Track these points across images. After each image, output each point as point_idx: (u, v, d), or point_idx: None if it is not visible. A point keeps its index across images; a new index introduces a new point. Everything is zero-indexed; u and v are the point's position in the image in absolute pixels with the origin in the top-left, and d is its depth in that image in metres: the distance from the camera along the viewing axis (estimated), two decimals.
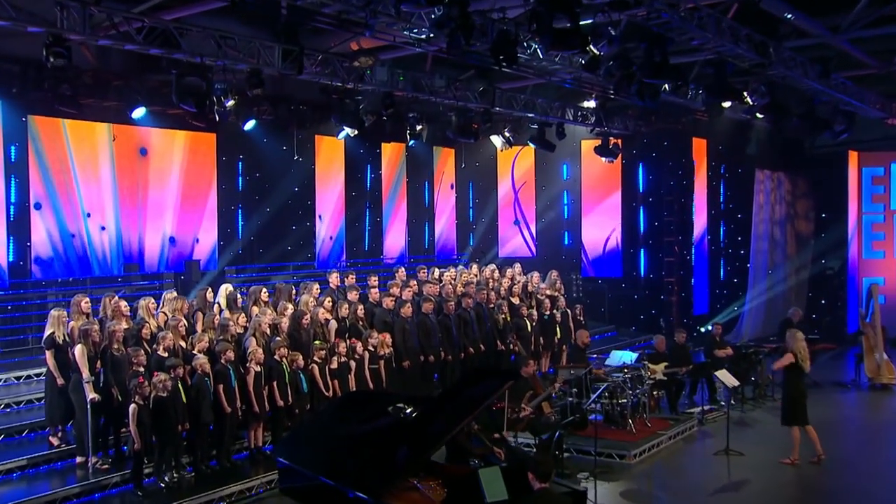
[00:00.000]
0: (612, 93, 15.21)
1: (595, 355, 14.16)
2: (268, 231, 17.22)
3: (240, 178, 17.21)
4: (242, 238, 17.10)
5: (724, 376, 11.69)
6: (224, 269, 16.13)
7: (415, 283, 13.57)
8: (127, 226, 15.23)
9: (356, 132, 14.38)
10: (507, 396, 8.79)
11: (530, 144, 17.81)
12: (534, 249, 21.69)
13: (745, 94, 13.36)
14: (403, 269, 14.51)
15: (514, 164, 21.79)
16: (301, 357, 10.60)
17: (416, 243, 21.06)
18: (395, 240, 20.45)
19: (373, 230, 19.83)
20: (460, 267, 16.02)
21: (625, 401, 11.61)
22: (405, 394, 8.75)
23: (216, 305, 11.20)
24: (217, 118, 12.42)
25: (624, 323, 20.09)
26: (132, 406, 8.92)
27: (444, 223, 21.92)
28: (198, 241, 16.24)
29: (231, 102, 11.95)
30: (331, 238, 18.73)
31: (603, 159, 18.78)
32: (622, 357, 12.74)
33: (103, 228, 14.83)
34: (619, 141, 19.16)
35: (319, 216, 18.39)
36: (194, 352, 9.88)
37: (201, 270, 15.62)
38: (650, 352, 13.98)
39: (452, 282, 14.37)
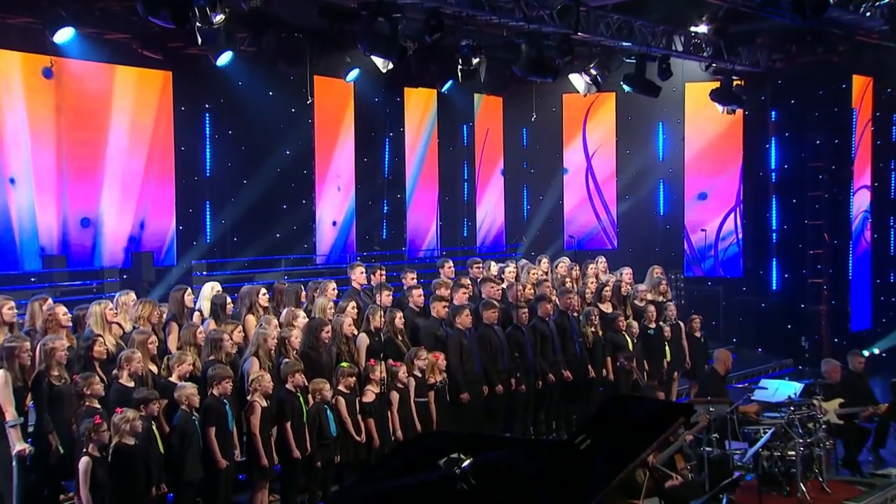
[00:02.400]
0: (744, 7, 14.80)
1: (735, 384, 13.89)
2: (248, 213, 17.30)
3: (207, 136, 17.18)
4: (213, 222, 17.11)
5: None
6: (192, 264, 16.17)
7: (468, 282, 13.42)
8: (46, 203, 15.21)
9: (390, 65, 14.25)
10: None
11: (625, 87, 17.40)
12: (614, 239, 21.79)
13: None
14: (451, 262, 14.39)
15: (587, 119, 21.78)
16: (326, 386, 10.41)
17: (450, 230, 21.19)
18: (423, 225, 20.51)
19: (393, 211, 19.85)
20: (523, 261, 15.93)
21: (793, 453, 11.16)
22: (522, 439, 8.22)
23: (196, 313, 11.12)
24: (201, 40, 12.25)
25: (746, 342, 20.09)
26: (83, 460, 8.61)
27: (490, 203, 21.90)
28: (143, 226, 16.33)
29: (220, 17, 11.71)
30: (334, 223, 18.78)
31: (720, 109, 18.57)
32: (783, 389, 12.37)
33: (13, 181, 14.82)
34: (743, 82, 18.68)
35: (338, 178, 18.21)
36: (172, 379, 9.73)
37: (156, 266, 15.68)
38: (810, 381, 13.50)
39: (517, 281, 14.20)
